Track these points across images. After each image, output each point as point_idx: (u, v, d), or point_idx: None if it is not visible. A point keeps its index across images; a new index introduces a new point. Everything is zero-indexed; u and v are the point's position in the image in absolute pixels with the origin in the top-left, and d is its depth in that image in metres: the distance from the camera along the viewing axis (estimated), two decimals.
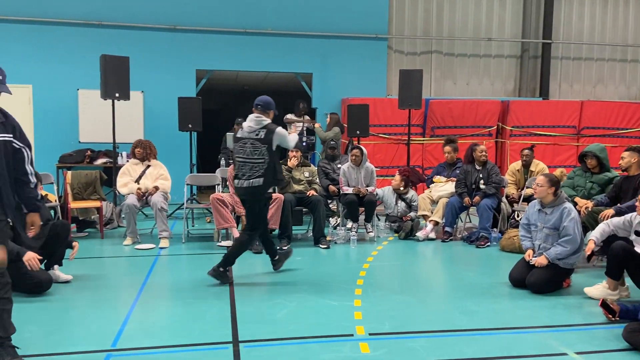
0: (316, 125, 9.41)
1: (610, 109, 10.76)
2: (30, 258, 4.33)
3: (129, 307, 4.23)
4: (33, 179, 3.19)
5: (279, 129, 5.01)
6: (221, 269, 4.94)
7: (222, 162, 8.65)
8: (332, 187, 7.10)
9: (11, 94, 3.06)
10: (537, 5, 11.67)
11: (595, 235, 4.55)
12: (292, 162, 6.88)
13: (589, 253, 4.51)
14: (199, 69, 10.28)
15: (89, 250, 6.37)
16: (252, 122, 4.98)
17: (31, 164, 3.19)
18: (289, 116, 9.79)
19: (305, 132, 9.66)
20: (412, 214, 7.42)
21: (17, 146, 3.11)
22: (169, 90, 9.77)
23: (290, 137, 5.11)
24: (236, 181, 5.02)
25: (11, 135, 3.09)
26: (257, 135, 4.91)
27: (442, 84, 11.56)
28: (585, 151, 6.19)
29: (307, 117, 9.85)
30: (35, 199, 3.19)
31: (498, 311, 4.21)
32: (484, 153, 6.97)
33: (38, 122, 9.64)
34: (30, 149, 3.21)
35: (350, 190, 6.97)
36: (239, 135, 5.05)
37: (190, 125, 8.50)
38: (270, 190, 5.11)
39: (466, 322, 3.95)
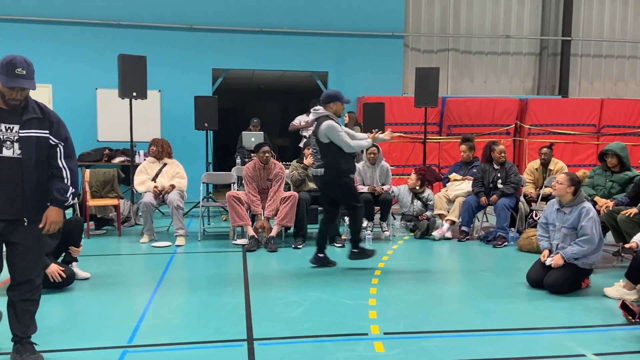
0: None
1: (631, 106, 10.56)
2: (53, 271, 4.42)
3: (145, 304, 4.27)
4: (68, 175, 3.10)
5: (326, 123, 5.05)
6: (355, 251, 5.43)
7: (238, 160, 8.68)
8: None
9: (34, 89, 3.05)
10: (557, 2, 11.51)
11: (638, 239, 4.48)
12: (308, 160, 6.88)
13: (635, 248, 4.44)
14: (215, 68, 10.34)
15: (107, 247, 6.45)
16: (311, 114, 5.29)
17: (67, 158, 3.11)
18: (294, 123, 9.71)
19: None
20: (428, 213, 7.37)
21: (53, 142, 3.07)
22: (186, 89, 9.83)
23: (342, 137, 5.09)
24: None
25: (47, 132, 3.05)
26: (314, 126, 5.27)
27: (459, 82, 11.46)
28: (606, 150, 6.09)
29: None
30: (62, 193, 3.06)
31: (515, 311, 4.16)
32: (503, 154, 6.88)
33: None
34: (67, 143, 3.13)
35: (365, 189, 6.95)
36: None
37: (206, 124, 8.54)
38: (349, 173, 5.30)
39: (482, 322, 3.91)
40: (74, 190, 3.14)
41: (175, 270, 5.41)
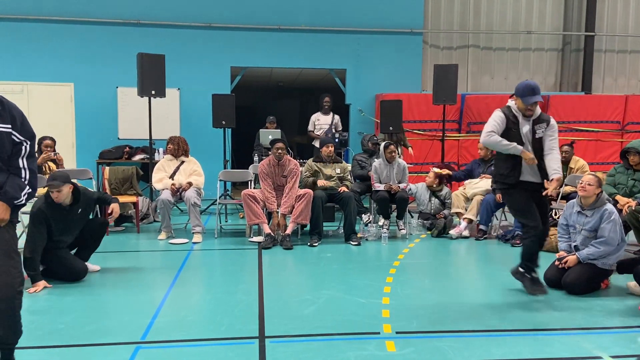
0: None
1: None
2: (38, 288, 4.52)
3: (161, 300, 4.32)
4: (27, 176, 2.79)
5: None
6: (520, 269, 4.53)
7: (256, 158, 8.71)
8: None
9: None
10: None
11: None
12: (326, 150, 6.87)
13: None
14: (234, 66, 10.39)
15: (125, 243, 6.54)
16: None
17: (29, 157, 2.80)
18: (310, 129, 9.70)
19: (335, 129, 9.60)
20: (446, 211, 7.31)
21: (17, 140, 2.75)
22: (205, 87, 9.91)
23: (486, 125, 4.46)
24: None
25: (10, 127, 2.71)
26: None
27: (479, 79, 11.31)
28: (628, 147, 5.95)
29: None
30: (16, 189, 2.72)
31: (531, 311, 4.10)
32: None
33: (79, 120, 9.94)
34: (32, 141, 2.82)
35: (381, 187, 6.92)
36: None
37: (223, 122, 8.59)
38: (506, 181, 4.43)
39: (497, 322, 3.86)
40: (30, 190, 2.81)
41: (191, 267, 5.46)
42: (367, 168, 7.45)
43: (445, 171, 7.46)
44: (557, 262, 4.69)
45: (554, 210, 7.02)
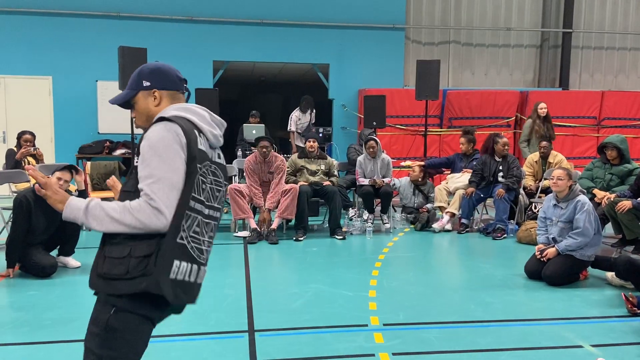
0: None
1: (632, 99, 10.54)
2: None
3: None
4: None
5: None
6: None
7: (239, 153, 8.69)
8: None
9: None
10: None
11: None
12: (309, 144, 6.93)
13: None
14: (216, 60, 10.32)
15: None
16: None
17: None
18: (292, 129, 9.66)
19: (310, 123, 9.58)
20: (429, 205, 7.40)
21: None
22: (187, 81, 9.80)
23: None
24: None
25: None
26: None
27: (460, 75, 11.44)
28: (606, 142, 6.10)
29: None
30: None
31: (513, 303, 4.20)
32: (506, 147, 6.89)
33: (58, 113, 9.78)
34: None
35: (366, 182, 6.98)
36: None
37: None
38: None
39: (481, 313, 3.95)
40: None
41: None
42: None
43: (416, 163, 7.65)
44: (537, 255, 4.81)
45: (533, 204, 7.17)
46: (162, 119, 1.85)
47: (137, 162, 1.82)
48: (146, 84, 1.98)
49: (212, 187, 1.92)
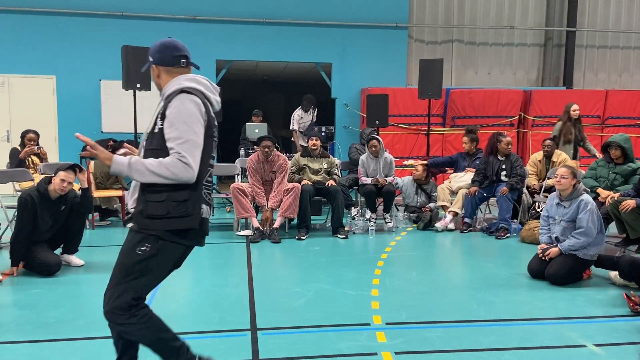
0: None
1: (636, 98, 10.50)
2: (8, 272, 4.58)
3: (150, 294, 4.30)
4: None
5: None
6: None
7: (242, 152, 8.70)
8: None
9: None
10: None
11: None
12: (311, 143, 6.93)
13: None
14: (219, 59, 10.34)
15: (112, 238, 6.50)
16: None
17: None
18: (294, 128, 9.66)
19: (312, 122, 9.58)
20: (431, 204, 7.39)
21: None
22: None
23: None
24: None
25: None
26: None
27: (463, 74, 11.42)
28: (609, 141, 6.08)
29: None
30: None
31: (516, 302, 4.19)
32: (509, 146, 6.87)
33: (62, 113, 9.82)
34: None
35: (368, 181, 6.97)
36: None
37: None
38: None
39: (484, 312, 3.94)
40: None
41: None
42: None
43: (419, 162, 7.65)
44: (539, 254, 4.79)
45: (536, 204, 7.15)
46: (183, 90, 2.30)
47: (159, 125, 2.26)
48: (150, 59, 2.48)
49: (215, 143, 2.44)
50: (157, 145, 2.27)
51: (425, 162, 7.72)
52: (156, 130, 2.29)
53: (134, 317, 2.35)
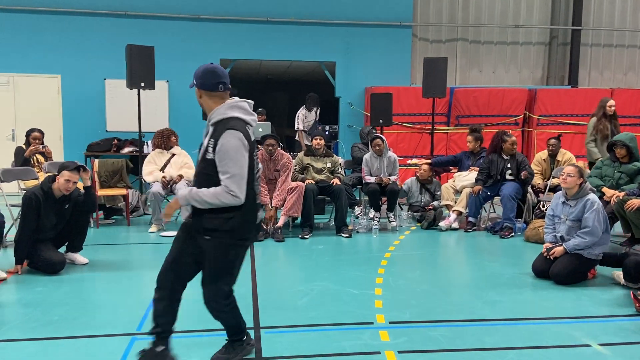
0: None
1: None
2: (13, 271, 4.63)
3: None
4: None
5: None
6: None
7: None
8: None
9: None
10: None
11: None
12: (315, 142, 6.94)
13: None
14: (223, 59, 10.34)
15: (116, 236, 6.52)
16: None
17: None
18: (300, 127, 9.64)
19: (315, 120, 9.58)
20: (435, 203, 7.38)
21: None
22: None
23: None
24: None
25: None
26: None
27: (468, 72, 11.39)
28: (615, 140, 6.05)
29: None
30: None
31: (520, 301, 4.17)
32: (514, 146, 6.84)
33: (67, 111, 9.85)
34: None
35: (372, 180, 6.96)
36: None
37: None
38: None
39: (488, 312, 3.93)
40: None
41: None
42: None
43: (423, 161, 7.64)
44: (544, 253, 4.77)
45: (541, 203, 7.13)
46: (228, 127, 2.70)
47: (211, 155, 2.71)
48: (195, 82, 2.84)
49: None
50: (210, 172, 2.72)
51: (429, 161, 7.70)
52: (208, 157, 2.72)
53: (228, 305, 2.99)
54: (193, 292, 3.05)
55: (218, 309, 2.98)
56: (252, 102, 2.93)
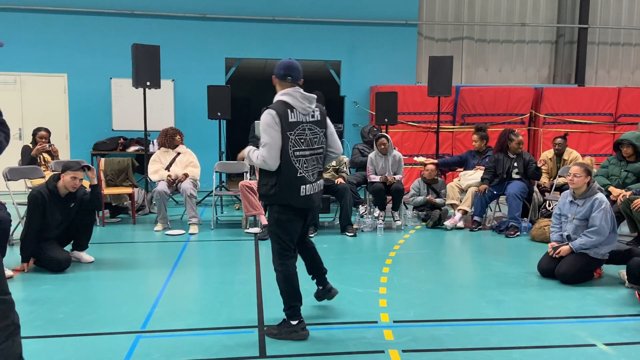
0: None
1: None
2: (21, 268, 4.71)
3: (159, 290, 4.34)
4: None
5: None
6: None
7: None
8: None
9: None
10: None
11: None
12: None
13: None
14: (229, 57, 10.36)
15: (121, 235, 6.55)
16: None
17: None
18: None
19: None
20: (439, 200, 7.36)
21: None
22: (199, 78, 9.88)
23: None
24: None
25: None
26: None
27: (474, 71, 11.35)
28: (621, 139, 6.01)
29: None
30: None
31: (526, 301, 4.16)
32: (521, 145, 6.81)
33: (73, 111, 9.89)
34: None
35: (377, 179, 6.96)
36: None
37: (219, 114, 8.58)
38: None
39: (493, 311, 3.92)
40: None
41: (188, 258, 5.48)
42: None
43: (429, 160, 7.61)
44: (550, 252, 4.75)
45: (547, 202, 7.10)
46: (268, 107, 3.31)
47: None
48: (274, 72, 3.46)
49: (310, 138, 3.38)
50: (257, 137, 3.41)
51: (435, 161, 7.68)
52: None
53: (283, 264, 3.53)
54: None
55: (275, 268, 3.51)
56: (308, 94, 3.38)
